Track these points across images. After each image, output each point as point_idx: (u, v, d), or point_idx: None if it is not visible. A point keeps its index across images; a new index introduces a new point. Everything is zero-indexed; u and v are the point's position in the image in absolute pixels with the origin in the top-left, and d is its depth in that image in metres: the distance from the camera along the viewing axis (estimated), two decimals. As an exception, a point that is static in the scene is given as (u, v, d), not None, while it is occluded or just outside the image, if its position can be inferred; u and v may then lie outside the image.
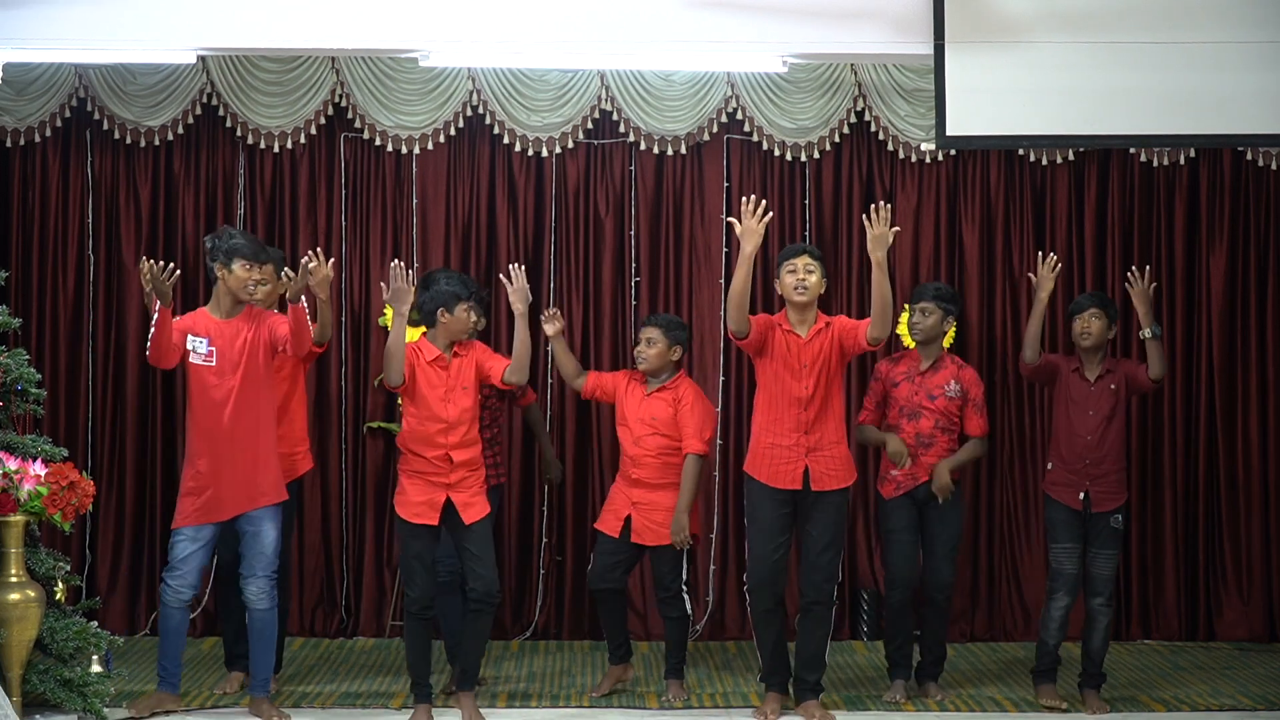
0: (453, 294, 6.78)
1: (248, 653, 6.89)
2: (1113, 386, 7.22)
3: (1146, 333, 7.18)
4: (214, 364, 6.63)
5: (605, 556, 7.29)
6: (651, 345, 7.28)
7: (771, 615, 6.89)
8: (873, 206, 6.68)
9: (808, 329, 6.80)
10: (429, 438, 6.73)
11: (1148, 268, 7.38)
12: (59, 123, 8.37)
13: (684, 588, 7.24)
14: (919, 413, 7.29)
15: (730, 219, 7.01)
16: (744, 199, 6.60)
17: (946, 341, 7.63)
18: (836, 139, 8.56)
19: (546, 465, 7.93)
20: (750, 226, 6.55)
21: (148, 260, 6.56)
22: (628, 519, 7.24)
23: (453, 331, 6.80)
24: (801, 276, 6.77)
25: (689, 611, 7.28)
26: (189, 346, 6.64)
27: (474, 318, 6.90)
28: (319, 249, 6.60)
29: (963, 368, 7.47)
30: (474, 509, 6.76)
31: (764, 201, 6.57)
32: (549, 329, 7.42)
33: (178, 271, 6.54)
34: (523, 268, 6.89)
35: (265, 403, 6.74)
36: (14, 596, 6.12)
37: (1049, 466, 7.36)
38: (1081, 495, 7.17)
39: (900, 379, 7.35)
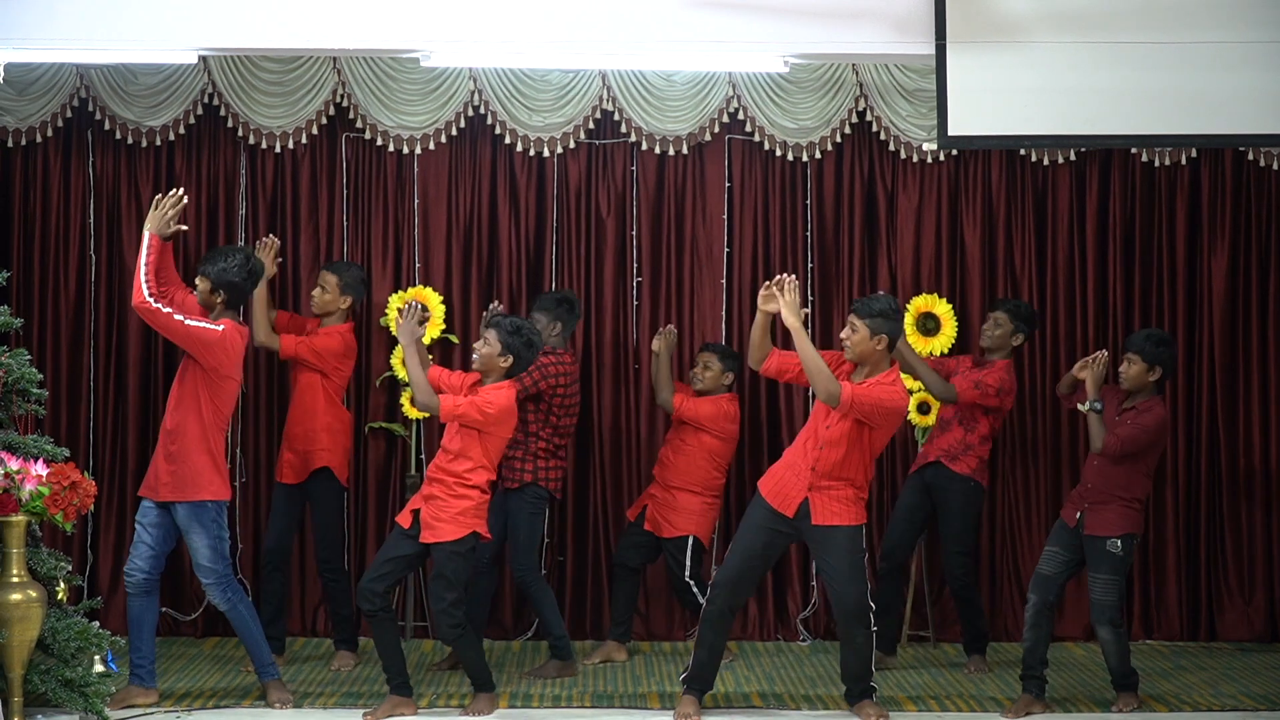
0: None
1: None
2: None
3: (1085, 406, 7.07)
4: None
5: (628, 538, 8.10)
6: (709, 368, 8.00)
7: (719, 620, 6.89)
8: (780, 278, 6.75)
9: (863, 378, 6.77)
10: None
11: (1103, 352, 7.26)
12: (60, 123, 8.37)
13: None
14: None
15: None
16: (765, 283, 6.78)
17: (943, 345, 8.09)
18: (838, 139, 8.55)
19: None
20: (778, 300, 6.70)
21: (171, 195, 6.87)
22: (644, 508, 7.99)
23: None
24: (844, 335, 6.81)
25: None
26: None
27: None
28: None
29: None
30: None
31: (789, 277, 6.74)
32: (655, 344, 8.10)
33: (185, 200, 6.92)
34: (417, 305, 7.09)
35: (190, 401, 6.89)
36: (15, 596, 6.13)
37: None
38: (1078, 515, 7.09)
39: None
